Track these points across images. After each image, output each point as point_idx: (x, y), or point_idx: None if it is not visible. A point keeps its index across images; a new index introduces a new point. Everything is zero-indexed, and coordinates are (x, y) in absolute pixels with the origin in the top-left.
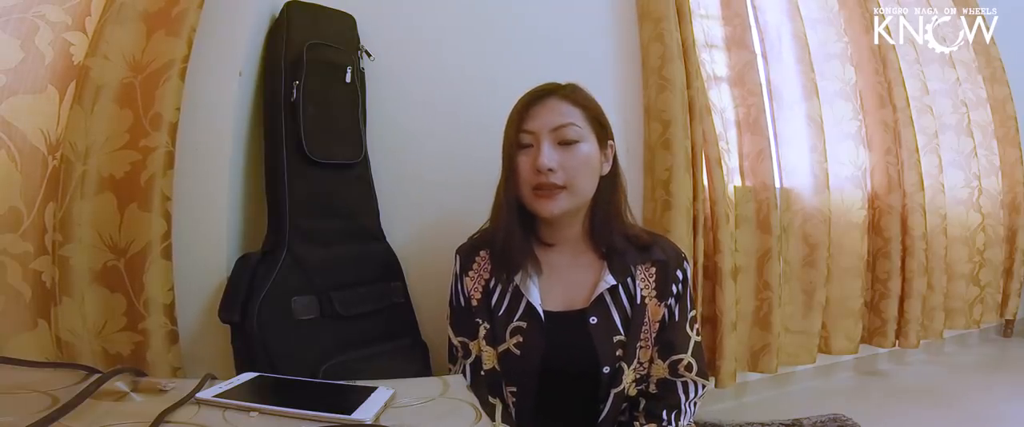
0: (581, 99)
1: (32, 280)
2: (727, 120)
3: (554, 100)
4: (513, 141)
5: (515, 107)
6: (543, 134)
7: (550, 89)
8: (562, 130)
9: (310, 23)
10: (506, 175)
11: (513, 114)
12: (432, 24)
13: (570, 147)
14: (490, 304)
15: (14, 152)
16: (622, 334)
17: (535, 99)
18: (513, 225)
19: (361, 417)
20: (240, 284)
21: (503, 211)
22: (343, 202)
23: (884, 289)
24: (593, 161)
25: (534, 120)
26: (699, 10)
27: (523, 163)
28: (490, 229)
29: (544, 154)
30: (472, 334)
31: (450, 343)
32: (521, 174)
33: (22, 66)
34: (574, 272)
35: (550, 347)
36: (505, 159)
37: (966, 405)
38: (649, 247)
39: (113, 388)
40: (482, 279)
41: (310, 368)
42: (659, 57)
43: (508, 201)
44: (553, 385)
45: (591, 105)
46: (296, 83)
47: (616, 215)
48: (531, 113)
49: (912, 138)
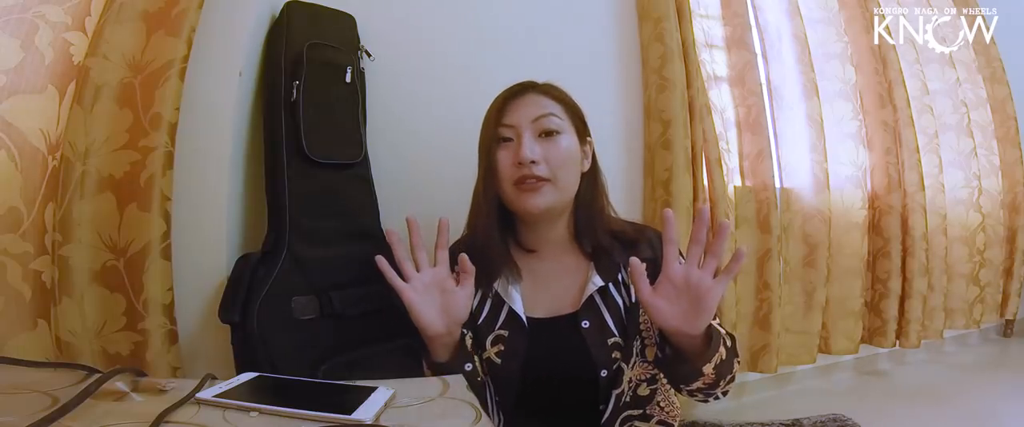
0: (559, 94)
1: (32, 280)
2: (727, 120)
3: (532, 94)
4: (492, 136)
5: (492, 105)
6: (523, 126)
7: (528, 85)
8: (543, 120)
9: (310, 23)
10: (484, 174)
11: (491, 111)
12: (432, 24)
13: (552, 138)
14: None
15: (14, 152)
16: (616, 335)
17: (513, 95)
18: (492, 228)
19: (361, 417)
20: (240, 284)
21: (482, 213)
22: (343, 202)
23: (884, 289)
24: (575, 155)
25: (513, 114)
26: (699, 10)
27: (503, 158)
28: (467, 235)
29: (525, 145)
30: None
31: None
32: (501, 169)
33: (22, 66)
34: (559, 276)
35: (533, 354)
36: (482, 157)
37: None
38: (636, 243)
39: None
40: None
41: (310, 368)
42: (659, 57)
43: (488, 202)
44: (545, 392)
45: (569, 100)
46: (296, 83)
47: (600, 212)
48: (510, 107)
49: (912, 138)
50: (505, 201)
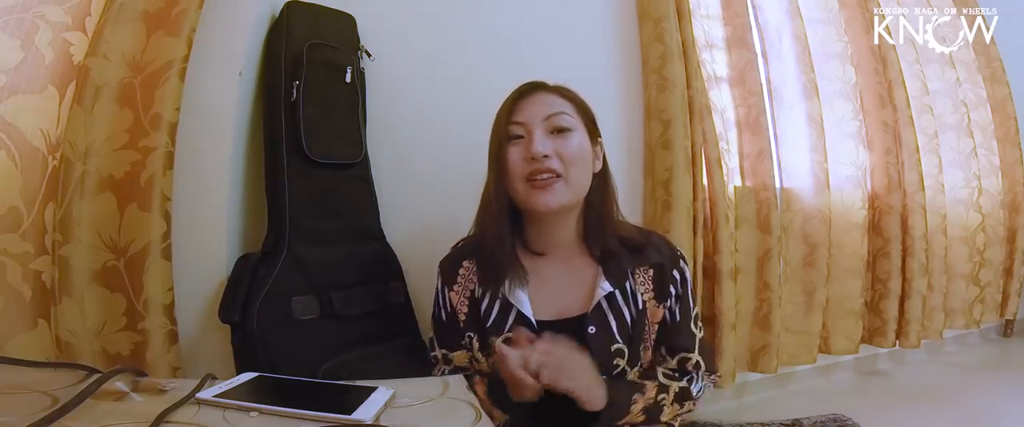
0: (570, 94)
1: (32, 280)
2: (727, 120)
3: (543, 93)
4: (503, 135)
5: (503, 104)
6: (535, 123)
7: (538, 84)
8: (554, 118)
9: (310, 23)
10: (495, 172)
11: (502, 110)
12: (432, 24)
13: (563, 135)
14: (478, 314)
15: (14, 152)
16: (620, 342)
17: (524, 93)
18: (503, 228)
19: (361, 417)
20: (240, 284)
21: (492, 213)
22: (343, 202)
23: (884, 289)
24: (587, 153)
25: (524, 112)
26: (699, 10)
27: (514, 154)
28: (475, 236)
29: (537, 140)
30: (454, 347)
31: (432, 353)
32: (512, 167)
33: (22, 66)
34: (567, 279)
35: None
36: (493, 155)
37: (966, 405)
38: (644, 249)
39: (113, 388)
40: (468, 291)
41: (310, 368)
42: (659, 57)
43: (498, 201)
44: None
45: (580, 100)
46: (296, 83)
47: (609, 214)
48: (520, 105)
49: (912, 138)
50: (516, 200)
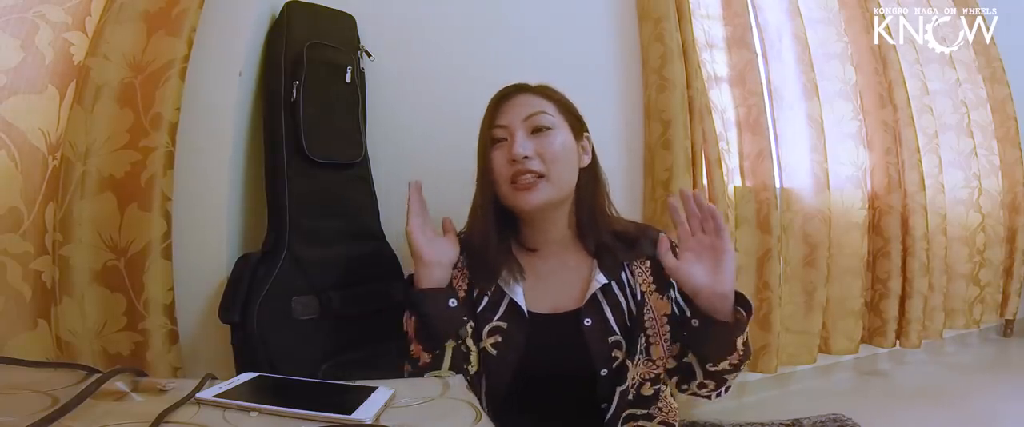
0: (550, 93)
1: (32, 280)
2: (727, 120)
3: (523, 95)
4: (486, 138)
5: (487, 108)
6: (516, 125)
7: (519, 86)
8: (534, 118)
9: (310, 23)
10: (481, 176)
11: (485, 115)
12: (432, 24)
13: (544, 134)
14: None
15: (14, 152)
16: (618, 334)
17: (505, 97)
18: (490, 228)
19: (361, 417)
20: (240, 284)
21: (479, 214)
22: (343, 202)
23: (884, 289)
24: (570, 150)
25: (505, 115)
26: (699, 10)
27: (497, 157)
28: (465, 237)
29: (517, 142)
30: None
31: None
32: (496, 169)
33: (22, 66)
34: (561, 274)
35: (531, 348)
36: (480, 160)
37: (966, 405)
38: (638, 241)
39: (113, 388)
40: (462, 290)
41: (310, 368)
42: (659, 57)
43: (485, 203)
44: (541, 388)
45: (562, 99)
46: (296, 83)
47: (601, 208)
48: (502, 108)
49: (912, 138)
50: (503, 201)
